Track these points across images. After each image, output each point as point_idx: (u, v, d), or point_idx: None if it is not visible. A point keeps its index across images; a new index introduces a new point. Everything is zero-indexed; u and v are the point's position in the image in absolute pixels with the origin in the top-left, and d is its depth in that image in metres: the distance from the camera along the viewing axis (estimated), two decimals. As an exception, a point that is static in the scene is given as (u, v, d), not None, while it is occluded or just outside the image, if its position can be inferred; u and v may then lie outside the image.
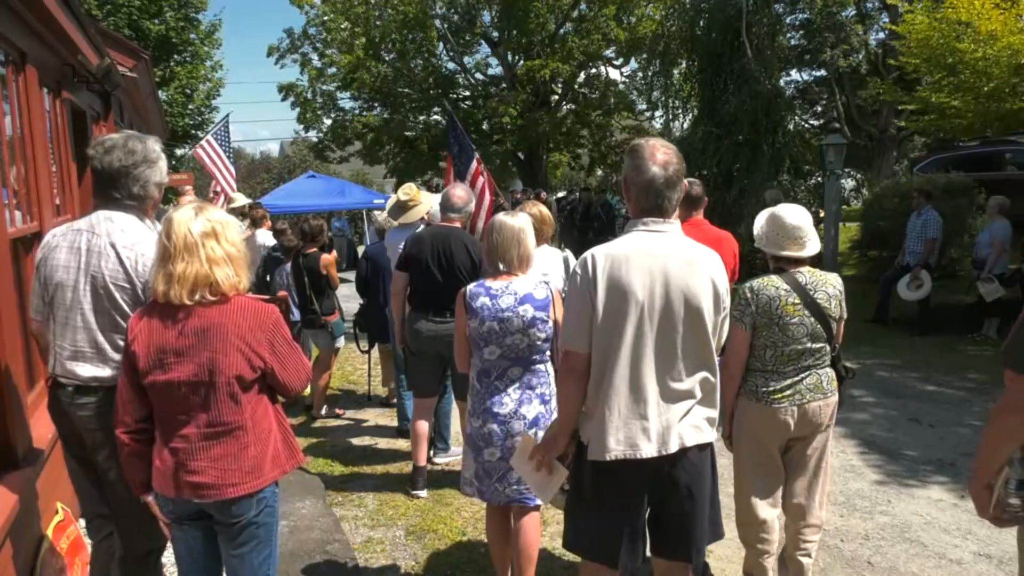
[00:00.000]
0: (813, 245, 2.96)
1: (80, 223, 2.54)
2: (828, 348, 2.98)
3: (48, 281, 2.49)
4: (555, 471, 2.60)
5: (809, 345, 2.91)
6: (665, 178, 2.28)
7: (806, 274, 2.95)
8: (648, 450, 2.27)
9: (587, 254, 2.33)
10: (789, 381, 2.93)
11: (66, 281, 2.47)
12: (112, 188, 2.51)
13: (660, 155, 2.29)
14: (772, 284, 2.92)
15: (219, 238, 2.19)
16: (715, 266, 2.36)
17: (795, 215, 2.95)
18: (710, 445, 2.41)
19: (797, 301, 2.88)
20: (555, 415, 2.80)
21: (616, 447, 2.28)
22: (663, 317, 2.26)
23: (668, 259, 2.27)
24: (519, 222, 3.04)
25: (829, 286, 2.95)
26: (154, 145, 2.58)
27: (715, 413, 2.41)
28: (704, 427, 2.36)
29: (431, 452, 5.06)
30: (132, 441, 2.24)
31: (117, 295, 2.47)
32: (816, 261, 3.06)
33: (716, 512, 2.49)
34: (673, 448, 2.29)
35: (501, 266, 3.02)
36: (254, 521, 2.26)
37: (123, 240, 2.48)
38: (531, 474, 2.68)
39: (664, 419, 2.29)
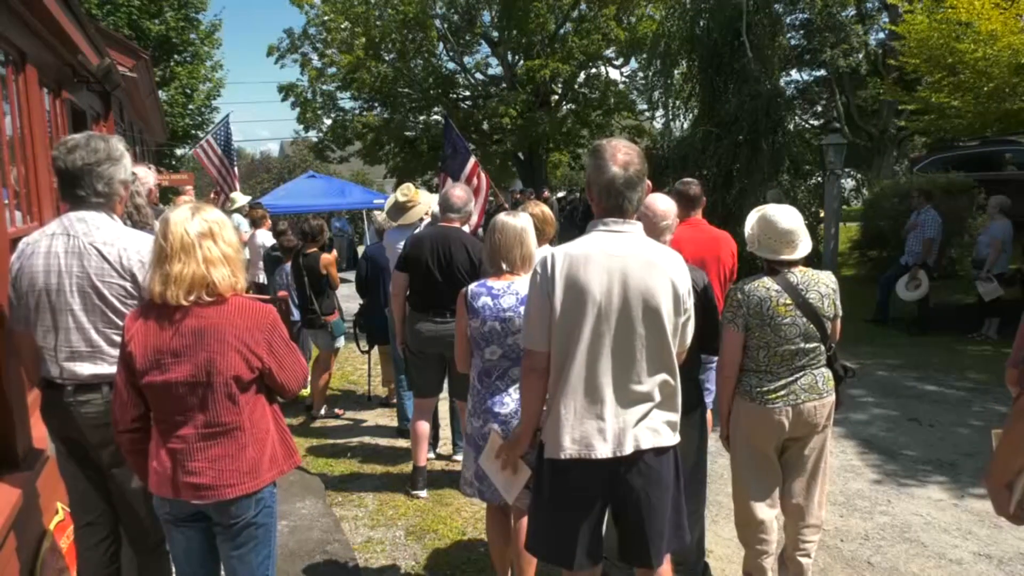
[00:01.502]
0: (805, 246, 2.96)
1: (52, 227, 2.54)
2: (823, 348, 2.97)
3: (31, 288, 2.48)
4: (519, 470, 2.61)
5: (802, 345, 2.91)
6: (625, 179, 2.28)
7: (798, 274, 2.94)
8: (603, 451, 2.27)
9: (547, 253, 2.34)
10: (783, 381, 2.93)
11: (49, 286, 2.46)
12: (77, 187, 2.51)
13: (621, 156, 2.29)
14: (763, 285, 2.92)
15: (216, 238, 2.18)
16: (676, 267, 2.35)
17: (787, 218, 2.94)
18: (671, 449, 2.38)
19: (788, 302, 2.88)
20: None
21: (571, 446, 2.28)
22: (621, 317, 2.26)
23: (627, 259, 2.27)
24: (521, 222, 3.05)
25: (822, 285, 2.95)
26: (117, 144, 2.59)
27: (676, 417, 2.39)
28: (663, 431, 2.34)
29: (452, 450, 5.07)
30: (129, 440, 2.24)
31: (106, 291, 2.47)
32: (816, 260, 3.07)
33: (680, 517, 2.44)
34: (628, 450, 2.28)
35: (504, 266, 3.03)
36: (253, 522, 2.26)
37: (101, 237, 2.49)
38: (497, 473, 2.69)
39: (621, 420, 2.28)
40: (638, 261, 2.28)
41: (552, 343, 2.30)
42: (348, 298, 8.11)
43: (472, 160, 7.63)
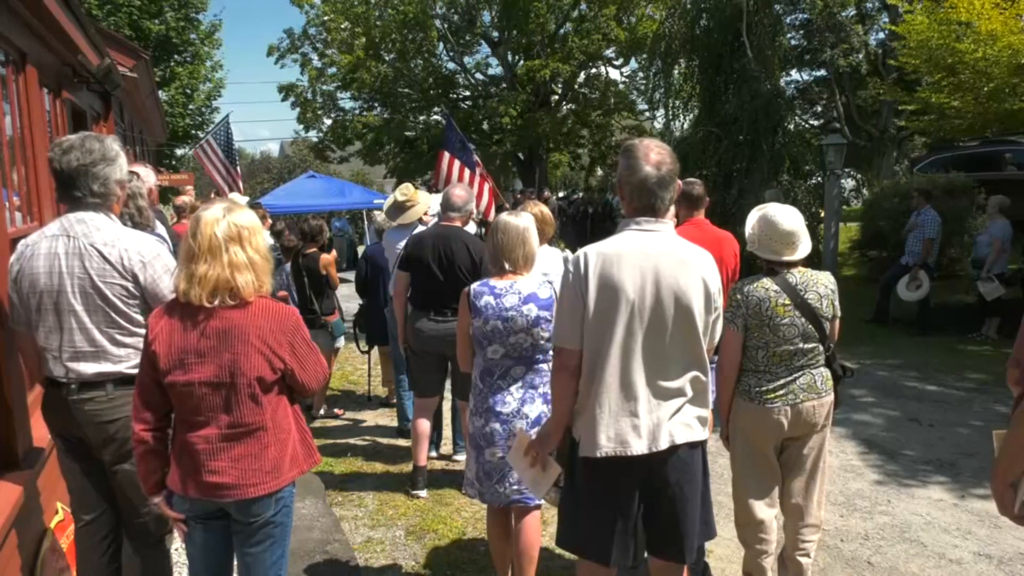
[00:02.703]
0: (805, 247, 2.97)
1: (51, 228, 2.54)
2: (821, 348, 2.98)
3: (31, 290, 2.48)
4: (549, 467, 2.62)
5: (801, 345, 2.91)
6: (658, 178, 2.30)
7: (796, 275, 2.95)
8: (638, 447, 2.28)
9: (580, 252, 2.35)
10: (782, 381, 2.93)
11: (50, 287, 2.46)
12: (73, 188, 2.51)
13: (654, 155, 2.31)
14: (762, 286, 2.93)
15: (244, 243, 2.17)
16: (707, 266, 2.37)
17: (788, 219, 2.95)
18: (701, 444, 2.41)
19: (787, 302, 2.89)
20: None
21: (606, 444, 2.29)
22: (654, 315, 2.27)
23: (660, 258, 2.29)
24: (523, 222, 3.06)
25: (820, 286, 2.95)
26: (112, 144, 2.59)
27: (707, 412, 2.42)
28: (695, 425, 2.37)
29: (452, 450, 5.07)
30: (151, 439, 2.23)
31: (108, 292, 2.48)
32: (816, 260, 3.07)
33: (708, 511, 2.49)
34: (663, 445, 2.30)
35: (506, 265, 3.03)
36: (271, 520, 2.27)
37: (102, 238, 2.49)
38: (526, 470, 2.69)
39: (655, 416, 2.30)
40: (670, 260, 2.30)
41: (584, 341, 2.31)
42: (348, 298, 8.11)
43: (477, 168, 7.65)
